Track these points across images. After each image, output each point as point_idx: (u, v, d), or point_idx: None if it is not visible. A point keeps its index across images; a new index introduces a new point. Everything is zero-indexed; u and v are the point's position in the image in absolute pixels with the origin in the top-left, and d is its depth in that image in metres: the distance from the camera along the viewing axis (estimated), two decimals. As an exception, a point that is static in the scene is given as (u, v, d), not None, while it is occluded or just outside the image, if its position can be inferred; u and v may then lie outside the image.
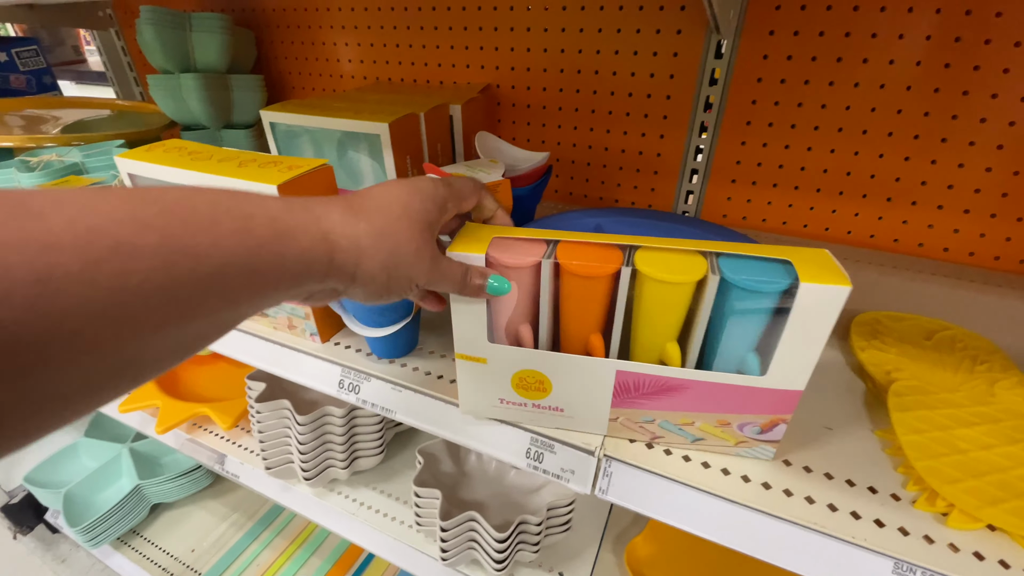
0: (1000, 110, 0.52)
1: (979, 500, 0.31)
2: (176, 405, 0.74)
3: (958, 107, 0.53)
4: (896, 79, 0.54)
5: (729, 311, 0.29)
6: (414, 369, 0.44)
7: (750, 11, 0.56)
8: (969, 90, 0.52)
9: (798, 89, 0.58)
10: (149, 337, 0.18)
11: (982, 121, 0.53)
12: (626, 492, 0.35)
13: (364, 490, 0.66)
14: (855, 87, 0.56)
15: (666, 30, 0.61)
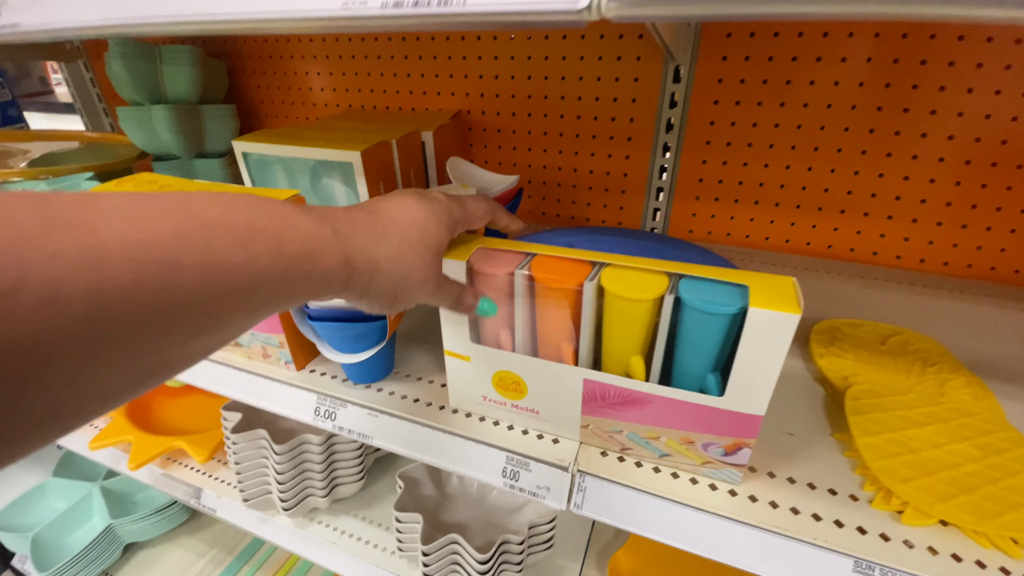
0: (938, 125, 0.55)
1: (931, 497, 0.32)
2: (149, 439, 0.73)
3: (900, 124, 0.57)
4: (842, 99, 0.58)
5: (687, 330, 0.31)
6: (390, 393, 0.44)
7: (703, 38, 0.60)
8: (909, 107, 0.56)
9: (752, 110, 0.61)
10: (183, 344, 0.19)
11: (923, 136, 0.57)
12: (600, 506, 0.36)
13: (345, 518, 0.65)
14: (804, 107, 0.59)
15: (626, 57, 0.64)
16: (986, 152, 0.55)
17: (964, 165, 0.56)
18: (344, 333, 0.40)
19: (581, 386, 0.35)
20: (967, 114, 0.54)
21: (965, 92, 0.53)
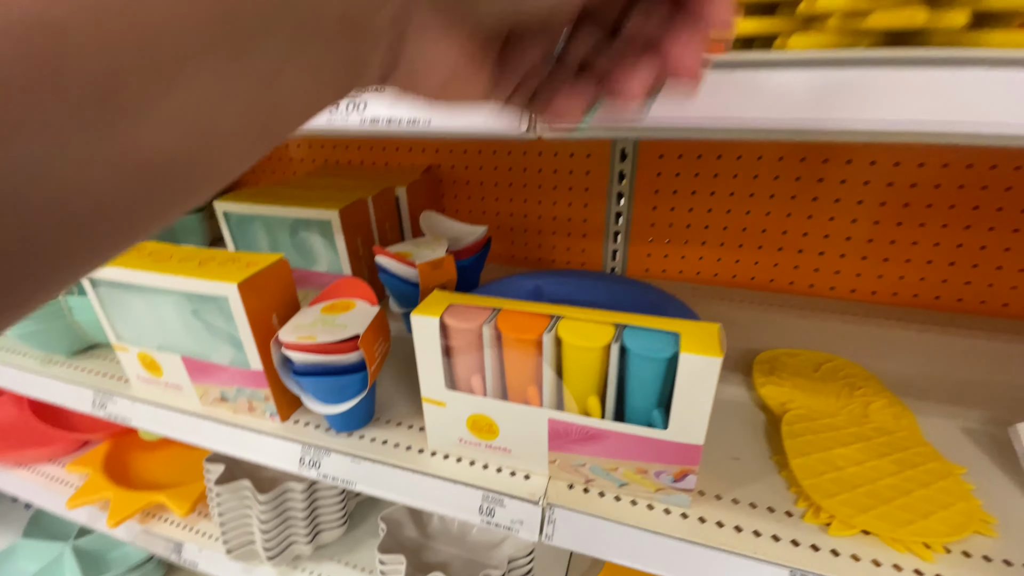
0: (855, 172, 0.63)
1: (853, 509, 0.37)
2: (128, 495, 0.73)
3: (822, 172, 0.64)
4: (770, 150, 0.65)
5: (632, 373, 0.35)
6: (372, 440, 0.47)
7: (647, 100, 0.67)
8: (829, 158, 0.63)
9: (693, 161, 0.68)
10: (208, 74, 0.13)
11: (842, 182, 0.64)
12: (568, 535, 0.40)
13: (329, 563, 0.66)
14: (738, 159, 0.66)
15: (580, 116, 0.70)
16: (898, 194, 0.63)
17: (880, 206, 0.64)
18: (327, 386, 0.43)
19: (547, 425, 0.39)
20: (879, 162, 0.62)
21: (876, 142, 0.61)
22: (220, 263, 0.46)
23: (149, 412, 0.54)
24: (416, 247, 0.59)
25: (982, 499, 0.38)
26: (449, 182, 0.83)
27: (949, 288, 0.65)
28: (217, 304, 0.45)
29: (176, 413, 0.53)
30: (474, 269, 0.67)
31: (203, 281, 0.44)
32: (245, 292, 0.43)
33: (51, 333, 0.61)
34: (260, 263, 0.46)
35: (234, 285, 0.43)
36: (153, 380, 0.54)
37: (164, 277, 0.46)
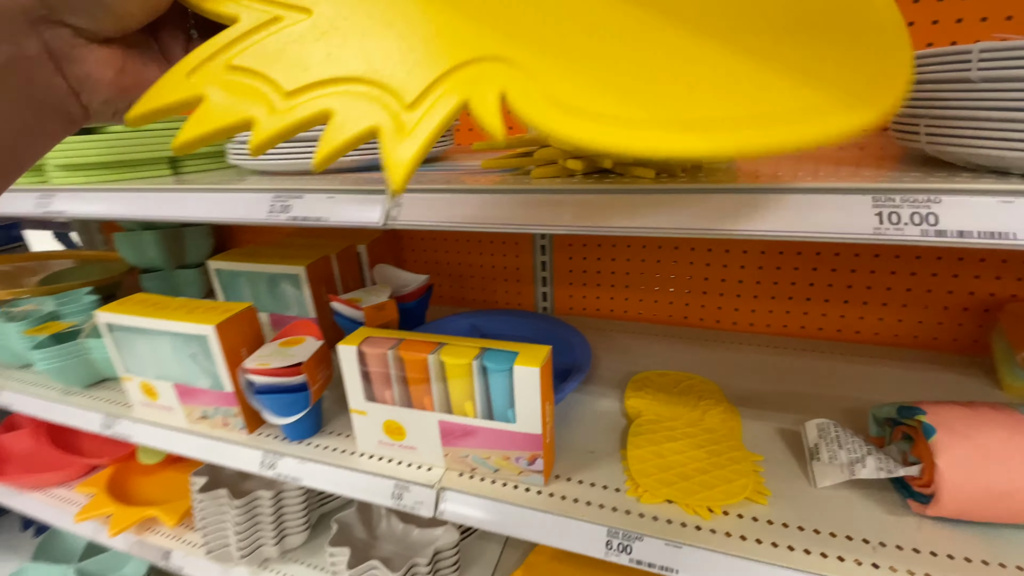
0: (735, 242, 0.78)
1: (661, 484, 0.50)
2: (126, 510, 0.85)
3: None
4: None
5: (491, 382, 0.49)
6: (316, 446, 0.60)
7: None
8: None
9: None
10: None
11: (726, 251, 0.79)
12: (455, 514, 0.52)
13: (293, 565, 0.78)
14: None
15: (506, 185, 0.87)
16: (770, 255, 0.77)
17: (742, 254, 0.78)
18: (279, 402, 0.57)
19: (438, 426, 0.52)
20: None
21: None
22: (204, 310, 0.61)
23: (147, 430, 0.68)
24: (366, 294, 0.74)
25: (766, 478, 0.51)
26: (407, 238, 0.99)
27: (792, 319, 0.79)
28: (199, 342, 0.60)
29: (168, 430, 0.66)
30: (419, 310, 0.81)
31: (190, 324, 0.59)
32: (221, 332, 0.58)
33: (71, 369, 0.75)
34: (234, 309, 0.61)
35: (212, 327, 0.57)
36: (150, 403, 0.68)
37: (161, 322, 0.60)
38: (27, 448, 1.07)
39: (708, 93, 0.22)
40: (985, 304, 0.73)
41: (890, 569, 0.42)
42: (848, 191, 0.29)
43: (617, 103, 0.22)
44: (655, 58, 0.23)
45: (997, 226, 0.27)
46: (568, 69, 0.23)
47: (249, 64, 0.23)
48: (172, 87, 0.23)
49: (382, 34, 0.23)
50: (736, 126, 0.21)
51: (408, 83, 0.23)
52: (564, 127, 0.22)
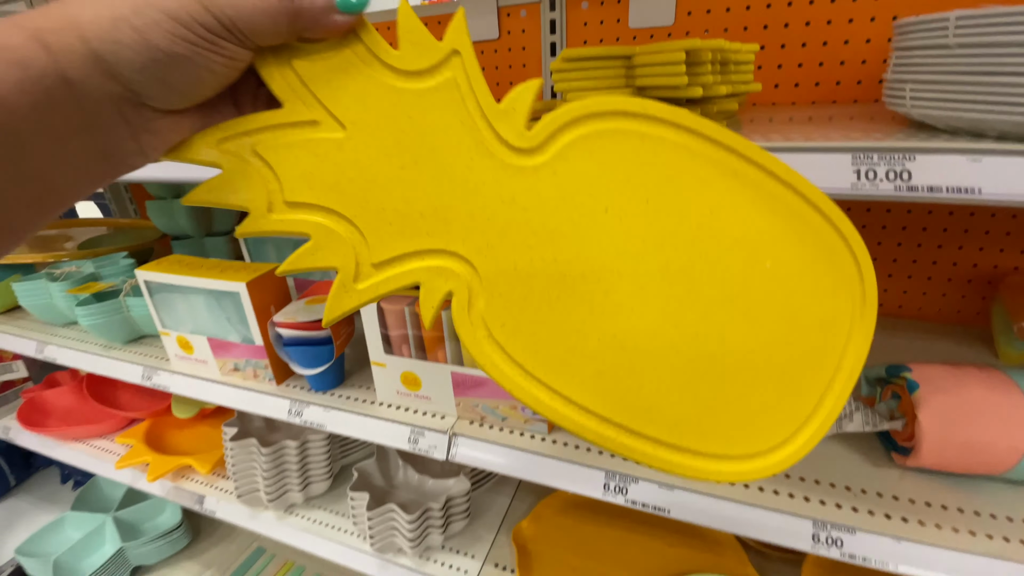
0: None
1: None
2: (163, 459, 0.92)
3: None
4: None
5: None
6: (339, 396, 0.65)
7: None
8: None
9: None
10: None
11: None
12: (466, 456, 0.57)
13: (317, 511, 0.84)
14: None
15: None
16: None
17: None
18: (305, 354, 0.62)
19: (451, 377, 0.57)
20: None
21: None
22: (236, 270, 0.66)
23: (183, 381, 0.73)
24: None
25: (759, 431, 0.54)
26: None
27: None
28: (232, 298, 0.65)
29: (202, 381, 0.72)
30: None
31: (223, 282, 0.63)
32: (251, 289, 0.63)
33: (112, 325, 0.81)
34: (263, 269, 0.65)
35: (243, 283, 0.62)
36: (186, 357, 0.73)
37: (196, 279, 0.65)
38: (68, 404, 1.15)
39: (610, 391, 0.27)
40: (988, 276, 0.74)
41: (868, 512, 0.45)
42: (830, 150, 0.31)
43: (532, 356, 0.26)
44: (592, 338, 0.26)
45: (965, 182, 0.29)
46: (517, 300, 0.26)
47: (269, 158, 0.25)
48: (201, 148, 0.25)
49: (386, 190, 0.26)
50: (620, 432, 0.26)
51: (385, 244, 0.26)
52: (476, 350, 0.26)
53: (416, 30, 0.25)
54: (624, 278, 0.26)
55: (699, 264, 0.26)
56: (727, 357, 0.27)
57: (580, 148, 0.26)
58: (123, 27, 0.21)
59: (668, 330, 0.26)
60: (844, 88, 0.68)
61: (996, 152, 0.29)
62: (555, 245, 0.26)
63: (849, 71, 0.67)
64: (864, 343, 0.27)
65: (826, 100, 0.70)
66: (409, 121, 0.26)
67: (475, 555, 0.73)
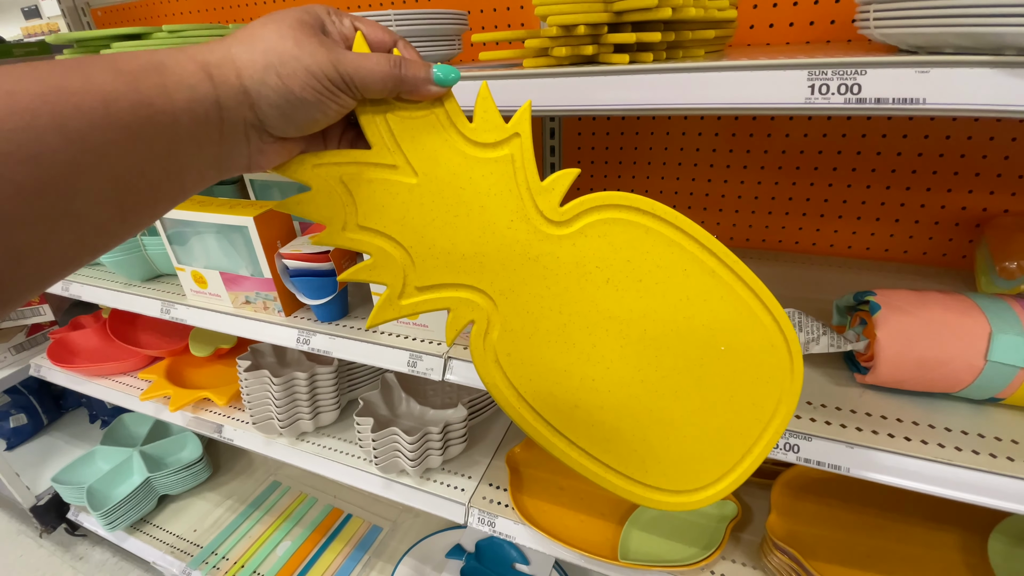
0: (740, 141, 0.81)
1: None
2: (184, 392, 0.98)
3: (716, 142, 0.82)
4: (675, 126, 0.83)
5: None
6: (344, 326, 0.70)
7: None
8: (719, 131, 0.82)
9: (610, 138, 0.87)
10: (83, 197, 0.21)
11: (730, 151, 0.82)
12: (459, 376, 0.61)
13: (326, 439, 0.90)
14: (651, 135, 0.85)
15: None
16: (754, 157, 0.80)
17: (742, 169, 0.82)
18: (311, 285, 0.66)
19: (446, 304, 0.61)
20: (746, 129, 0.80)
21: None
22: (244, 206, 0.69)
23: (199, 314, 0.78)
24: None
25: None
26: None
27: (787, 234, 0.83)
28: (241, 232, 0.68)
29: (216, 313, 0.77)
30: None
31: (233, 216, 0.67)
32: (259, 223, 0.66)
33: (131, 263, 0.86)
34: (269, 205, 0.69)
35: (251, 218, 0.65)
36: (201, 292, 0.78)
37: (208, 215, 0.69)
38: (93, 344, 1.21)
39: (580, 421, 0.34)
40: (976, 219, 0.75)
41: (825, 423, 0.49)
42: (787, 67, 0.33)
43: (526, 384, 0.33)
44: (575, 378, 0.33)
45: (911, 93, 0.31)
46: (524, 337, 0.33)
47: (351, 187, 0.31)
48: (300, 168, 0.30)
49: (439, 231, 0.32)
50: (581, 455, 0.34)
51: (429, 273, 0.32)
52: (484, 370, 0.33)
53: (490, 110, 0.31)
54: (610, 335, 0.33)
55: (670, 336, 0.33)
56: (676, 412, 0.34)
57: (598, 229, 0.32)
58: (271, 73, 0.26)
59: (635, 383, 0.33)
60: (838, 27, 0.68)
61: (942, 64, 0.31)
62: (562, 300, 0.33)
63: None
64: (788, 412, 0.34)
65: (803, 41, 0.70)
66: (469, 181, 0.31)
67: (471, 476, 0.79)
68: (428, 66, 0.30)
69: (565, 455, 0.34)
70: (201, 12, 1.08)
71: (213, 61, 0.25)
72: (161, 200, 0.26)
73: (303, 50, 0.26)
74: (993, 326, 0.46)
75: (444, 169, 0.31)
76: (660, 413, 0.34)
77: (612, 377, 0.33)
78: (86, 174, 0.21)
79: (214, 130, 0.26)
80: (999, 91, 0.30)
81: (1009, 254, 0.66)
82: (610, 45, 0.41)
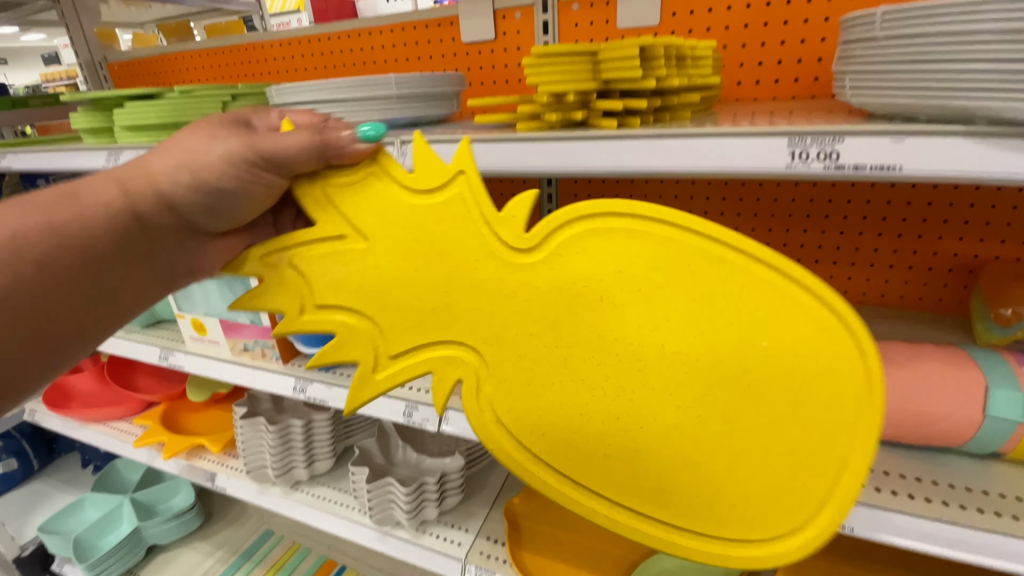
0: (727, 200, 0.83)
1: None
2: (178, 438, 0.97)
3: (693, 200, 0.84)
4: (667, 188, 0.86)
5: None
6: (341, 374, 0.69)
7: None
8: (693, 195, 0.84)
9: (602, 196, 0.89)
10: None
11: (722, 204, 0.84)
12: (457, 427, 0.60)
13: (321, 488, 0.88)
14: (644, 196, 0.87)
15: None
16: (758, 207, 0.82)
17: (736, 216, 0.83)
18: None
19: (443, 354, 0.60)
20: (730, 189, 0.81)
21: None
22: (245, 255, 0.70)
23: (197, 361, 0.78)
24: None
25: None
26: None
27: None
28: (242, 281, 0.69)
29: (215, 361, 0.77)
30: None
31: (234, 265, 0.68)
32: (260, 272, 0.67)
33: (132, 310, 0.86)
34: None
35: (252, 267, 0.66)
36: (200, 339, 0.78)
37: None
38: (90, 388, 1.21)
39: (618, 474, 0.28)
40: (969, 265, 0.76)
41: (828, 478, 0.48)
42: (768, 134, 0.35)
43: (539, 440, 0.28)
44: (595, 421, 0.28)
45: (888, 160, 0.33)
46: (521, 386, 0.28)
47: (302, 268, 0.29)
48: (247, 263, 0.29)
49: (402, 290, 0.29)
50: (631, 516, 0.28)
51: (401, 337, 0.29)
52: (484, 434, 0.28)
53: (428, 156, 0.30)
54: (623, 361, 0.28)
55: (695, 346, 0.27)
56: (732, 436, 0.27)
57: (574, 245, 0.28)
58: (183, 171, 0.26)
59: (670, 411, 0.27)
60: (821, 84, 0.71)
61: (916, 133, 0.32)
62: (555, 332, 0.28)
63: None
64: (875, 421, 0.26)
65: (789, 96, 0.73)
66: (422, 231, 0.29)
67: (468, 529, 0.77)
68: (351, 125, 0.29)
69: (612, 521, 0.28)
70: (215, 68, 1.13)
71: (127, 175, 0.25)
72: (95, 326, 0.25)
73: (217, 142, 0.26)
74: (989, 380, 0.46)
75: (393, 225, 0.29)
76: (713, 442, 0.27)
77: (641, 411, 0.27)
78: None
79: (139, 242, 0.25)
80: (974, 159, 0.31)
81: (1003, 301, 0.66)
82: (599, 110, 0.43)
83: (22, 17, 1.49)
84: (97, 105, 0.67)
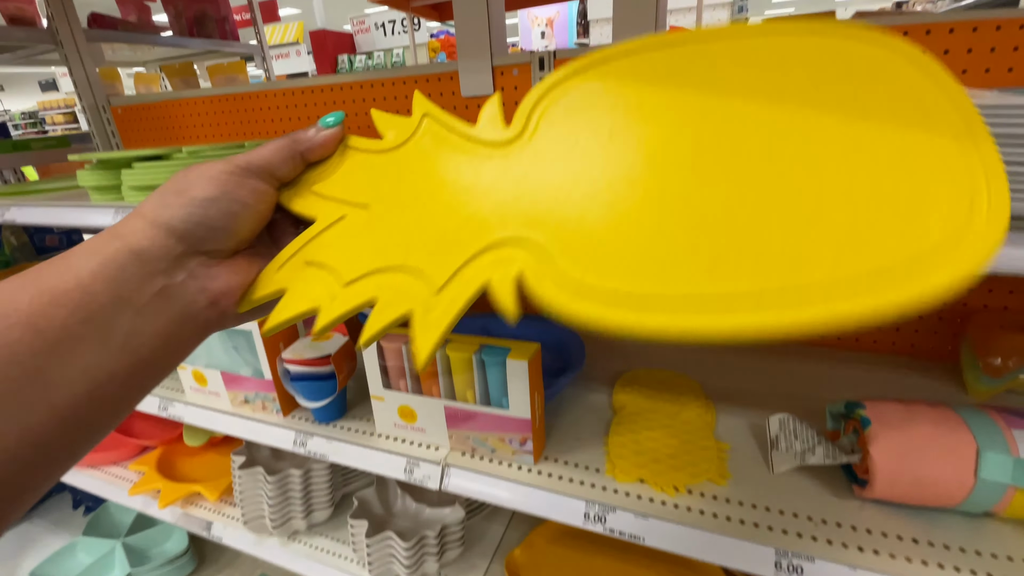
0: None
1: (634, 466, 0.57)
2: (174, 486, 0.96)
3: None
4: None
5: (488, 373, 0.57)
6: (341, 427, 0.70)
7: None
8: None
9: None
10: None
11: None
12: (458, 486, 0.61)
13: (319, 538, 0.87)
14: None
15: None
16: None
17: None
18: (311, 387, 0.67)
19: (444, 410, 0.61)
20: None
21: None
22: (248, 308, 0.71)
23: (197, 412, 0.78)
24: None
25: (731, 464, 0.58)
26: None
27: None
28: (245, 336, 0.70)
29: (215, 412, 0.77)
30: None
31: (237, 320, 0.68)
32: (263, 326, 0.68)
33: (132, 358, 0.86)
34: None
35: (255, 322, 0.67)
36: (200, 389, 0.79)
37: (212, 318, 0.70)
38: (85, 430, 1.19)
39: (733, 264, 0.22)
40: (958, 314, 0.78)
41: (827, 542, 0.49)
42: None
43: (631, 279, 0.23)
44: (678, 226, 0.24)
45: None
46: (584, 245, 0.25)
47: (320, 259, 0.29)
48: (266, 283, 0.29)
49: (420, 227, 0.28)
50: (760, 303, 0.20)
51: (438, 270, 0.27)
52: (572, 310, 0.23)
53: (389, 119, 0.32)
54: (661, 164, 0.25)
55: (726, 132, 0.24)
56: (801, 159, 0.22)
57: (559, 111, 0.28)
58: (170, 195, 0.27)
59: (725, 168, 0.24)
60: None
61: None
62: (584, 186, 0.26)
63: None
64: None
65: None
66: (414, 173, 0.30)
67: (469, 582, 0.76)
68: (313, 124, 0.31)
69: (740, 328, 0.20)
70: (218, 114, 1.16)
71: (119, 224, 0.26)
72: (120, 389, 0.24)
73: (200, 168, 0.28)
74: (979, 443, 0.47)
75: (386, 182, 0.30)
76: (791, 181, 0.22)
77: (697, 181, 0.24)
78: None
79: (142, 284, 0.25)
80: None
81: (992, 351, 0.68)
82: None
83: (25, 58, 1.51)
84: (104, 165, 0.69)
